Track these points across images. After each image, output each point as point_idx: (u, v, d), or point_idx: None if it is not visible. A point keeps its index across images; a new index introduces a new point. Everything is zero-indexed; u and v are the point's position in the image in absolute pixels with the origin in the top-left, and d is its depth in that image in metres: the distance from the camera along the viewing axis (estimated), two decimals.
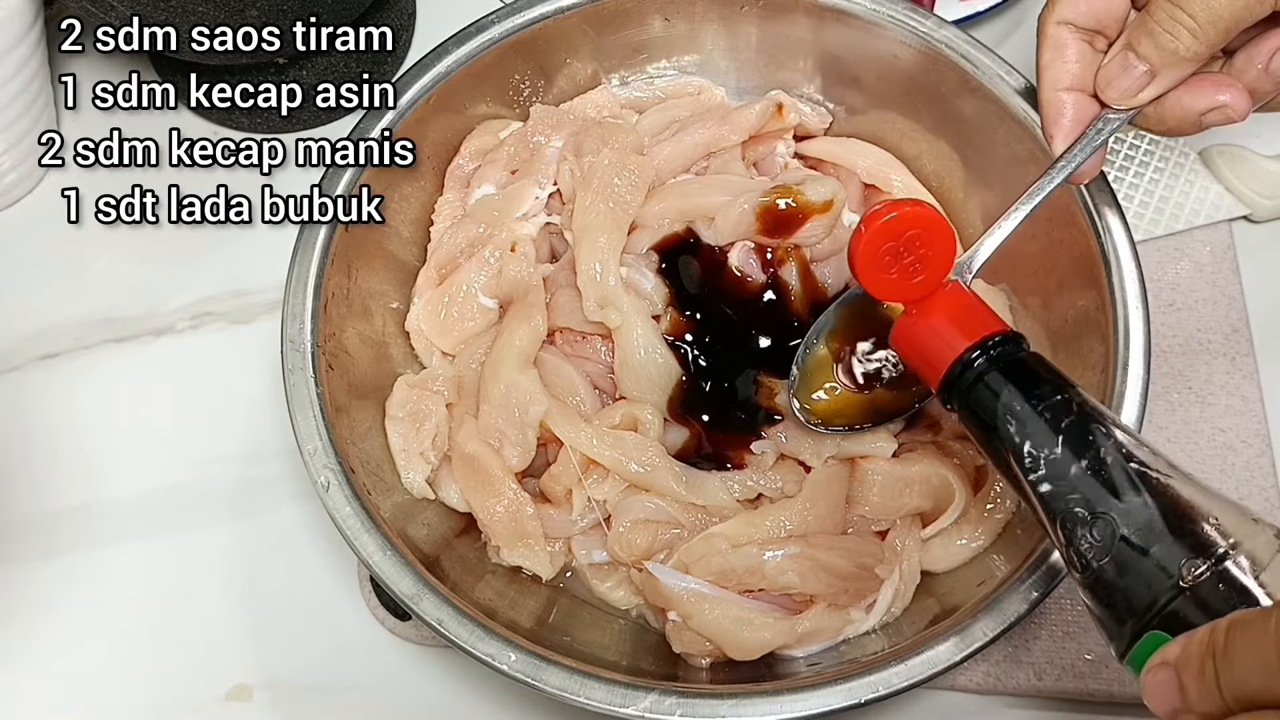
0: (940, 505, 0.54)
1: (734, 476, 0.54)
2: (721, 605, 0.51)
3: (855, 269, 0.47)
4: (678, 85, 0.66)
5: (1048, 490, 0.40)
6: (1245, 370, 0.64)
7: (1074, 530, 0.39)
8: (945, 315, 0.45)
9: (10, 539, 0.62)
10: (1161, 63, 0.46)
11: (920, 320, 0.46)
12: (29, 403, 0.66)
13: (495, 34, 0.59)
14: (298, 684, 0.59)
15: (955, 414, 0.45)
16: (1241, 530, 0.36)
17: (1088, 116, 0.49)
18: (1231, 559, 0.35)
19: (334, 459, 0.50)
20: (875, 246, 0.46)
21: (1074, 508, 0.39)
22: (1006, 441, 0.41)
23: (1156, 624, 0.35)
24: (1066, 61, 0.49)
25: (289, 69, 0.70)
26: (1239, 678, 0.30)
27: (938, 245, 0.46)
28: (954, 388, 0.44)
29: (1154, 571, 0.36)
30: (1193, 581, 0.35)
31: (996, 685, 0.57)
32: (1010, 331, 0.44)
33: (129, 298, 0.68)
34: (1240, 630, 0.31)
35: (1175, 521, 0.37)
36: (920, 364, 0.46)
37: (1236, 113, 0.46)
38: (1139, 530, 0.37)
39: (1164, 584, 0.35)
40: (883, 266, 0.46)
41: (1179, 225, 0.67)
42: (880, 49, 0.60)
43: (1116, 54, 0.47)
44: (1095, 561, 0.38)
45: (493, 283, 0.59)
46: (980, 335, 0.44)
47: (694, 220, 0.58)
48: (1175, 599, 0.35)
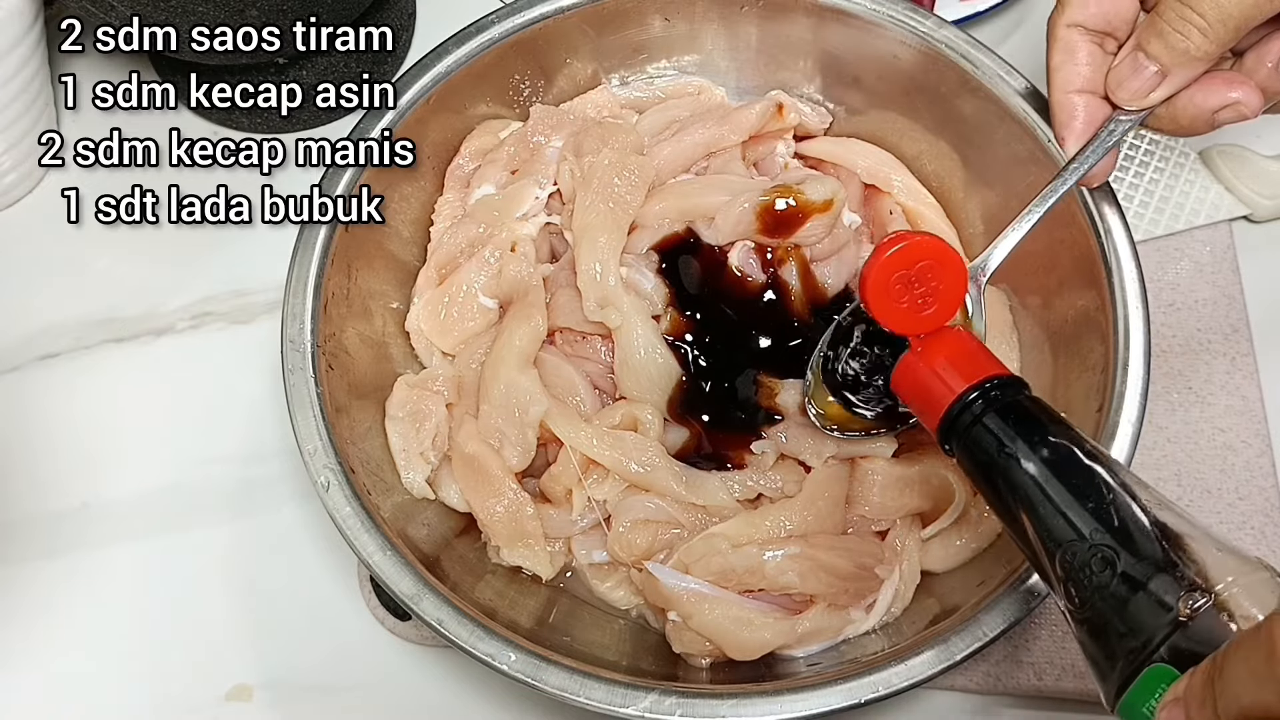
0: (940, 505, 0.54)
1: (734, 476, 0.54)
2: (721, 605, 0.51)
3: (866, 296, 0.46)
4: (678, 85, 0.66)
5: (1046, 528, 0.40)
6: (1245, 370, 0.64)
7: (1073, 565, 0.38)
8: (946, 357, 0.45)
9: (11, 539, 0.62)
10: (1172, 62, 0.46)
11: (921, 362, 0.46)
12: (29, 403, 0.66)
13: (495, 34, 0.59)
14: (298, 684, 0.59)
15: (954, 458, 0.44)
16: (1237, 566, 0.36)
17: (1099, 118, 0.49)
18: (1227, 591, 0.35)
19: (334, 459, 0.50)
20: (886, 274, 0.45)
21: (1072, 543, 0.39)
22: (1005, 482, 0.41)
23: (1154, 660, 0.35)
24: (1077, 64, 0.49)
25: (289, 69, 0.70)
26: (1232, 695, 0.30)
27: (949, 279, 0.46)
28: (952, 429, 0.44)
29: (1152, 606, 0.36)
30: (1190, 614, 0.35)
31: (996, 685, 0.57)
32: (1010, 376, 0.44)
33: (129, 298, 0.68)
34: (1233, 649, 0.31)
35: (1173, 555, 0.37)
36: (920, 406, 0.46)
37: (1249, 109, 0.46)
38: (1138, 564, 0.37)
39: (1162, 619, 0.35)
40: (893, 295, 0.46)
41: (1179, 225, 0.67)
42: (880, 49, 0.60)
43: (1126, 55, 0.47)
44: (1094, 596, 0.37)
45: (493, 283, 0.59)
46: (980, 377, 0.44)
47: (694, 220, 0.58)
48: (1173, 633, 0.35)
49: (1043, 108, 0.55)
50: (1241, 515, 0.60)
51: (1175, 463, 0.62)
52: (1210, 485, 0.61)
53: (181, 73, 0.67)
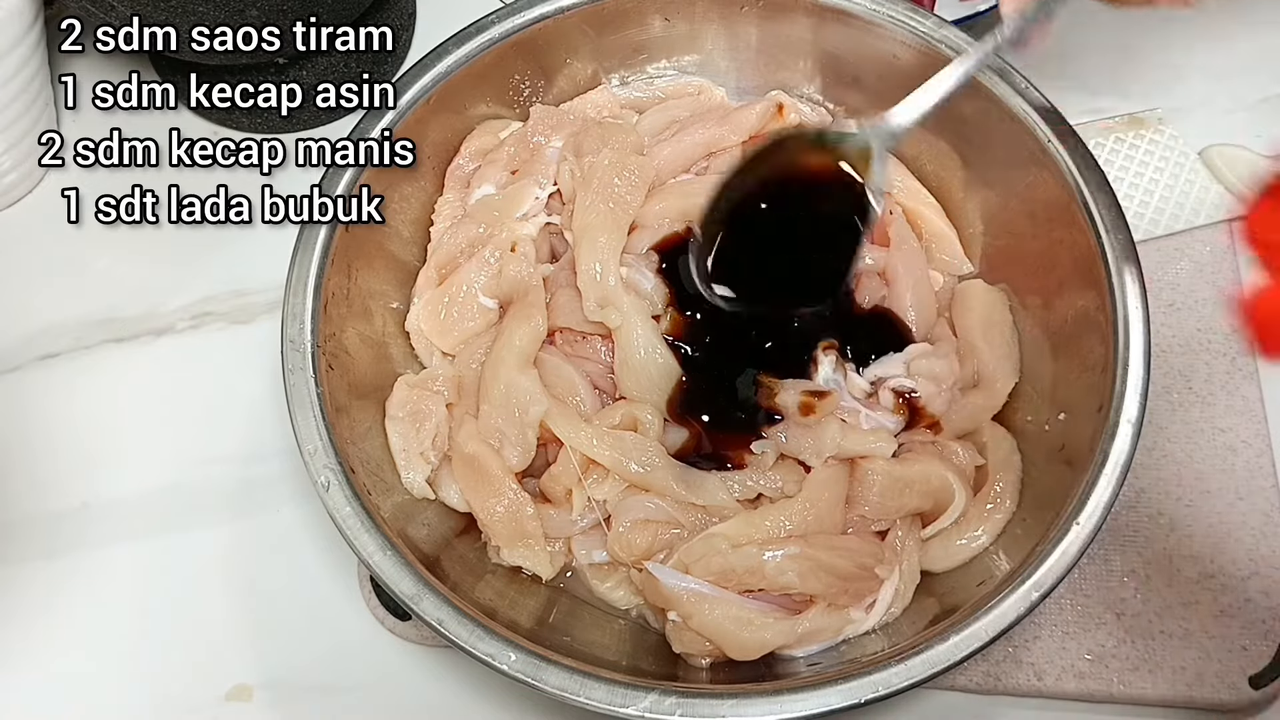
0: (940, 505, 0.54)
1: (734, 476, 0.54)
2: (721, 605, 0.51)
3: None
4: (678, 85, 0.66)
5: None
6: (1245, 370, 0.64)
7: None
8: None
9: (10, 539, 0.62)
10: None
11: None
12: (29, 403, 0.66)
13: (495, 34, 0.59)
14: (298, 684, 0.59)
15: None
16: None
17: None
18: None
19: (334, 459, 0.50)
20: None
21: None
22: None
23: None
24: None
25: (289, 69, 0.70)
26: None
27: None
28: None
29: None
30: None
31: (996, 685, 0.57)
32: None
33: (129, 298, 0.68)
34: None
35: None
36: None
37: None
38: None
39: None
40: None
41: (1179, 225, 0.67)
42: (880, 49, 0.60)
43: None
44: None
45: (493, 283, 0.59)
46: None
47: (694, 220, 0.58)
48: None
49: (1043, 108, 0.56)
50: (1241, 515, 0.60)
51: (1175, 462, 0.62)
52: (1210, 485, 0.61)
53: (181, 73, 0.67)
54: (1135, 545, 0.60)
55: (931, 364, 0.57)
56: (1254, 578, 0.59)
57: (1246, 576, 0.59)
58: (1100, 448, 0.50)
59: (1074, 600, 0.58)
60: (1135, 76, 0.74)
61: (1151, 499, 0.61)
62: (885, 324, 0.59)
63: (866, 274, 0.60)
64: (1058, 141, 0.55)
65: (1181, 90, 0.73)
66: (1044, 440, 0.55)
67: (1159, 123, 0.71)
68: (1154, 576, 0.59)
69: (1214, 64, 0.74)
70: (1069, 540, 0.48)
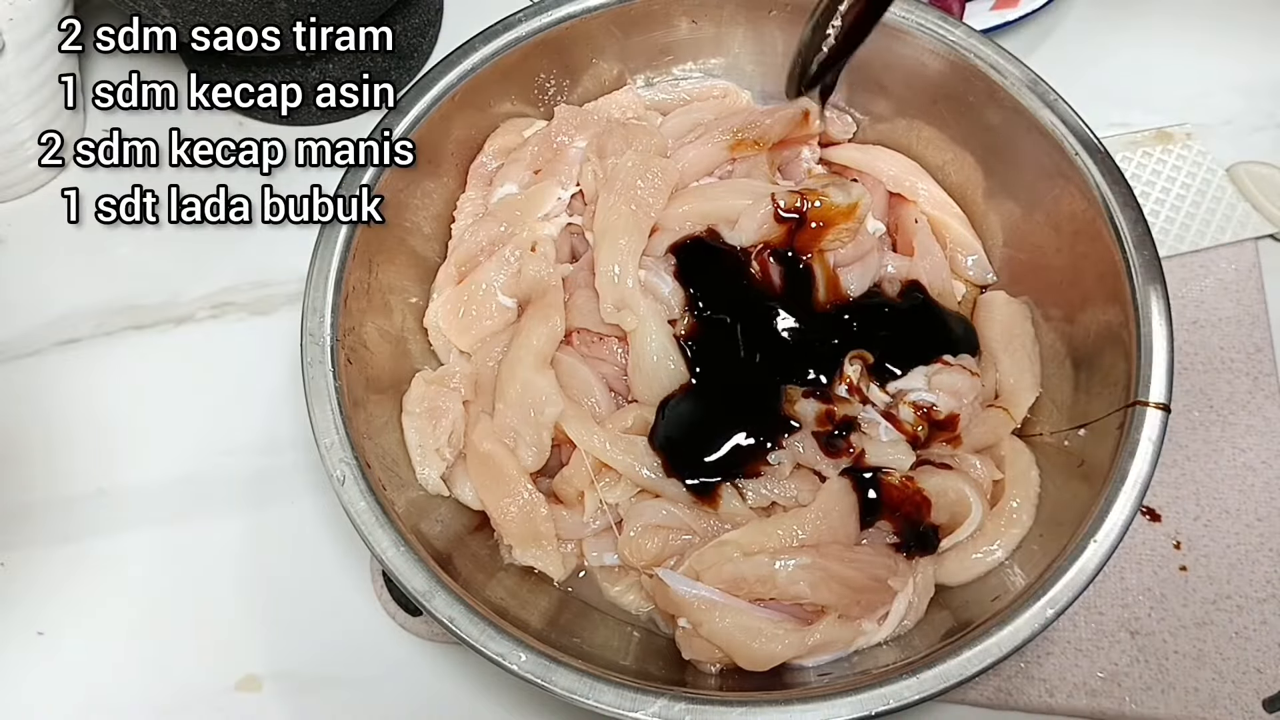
0: (956, 519, 0.54)
1: (746, 484, 0.54)
2: (732, 614, 0.50)
3: None
4: (703, 88, 0.66)
5: None
6: (1268, 390, 0.63)
7: None
8: None
9: (26, 523, 0.62)
10: None
11: None
12: (49, 387, 0.66)
13: (522, 32, 0.59)
14: (307, 675, 0.59)
15: None
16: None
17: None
18: None
19: (350, 453, 0.50)
20: None
21: None
22: None
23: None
24: None
25: (315, 62, 0.70)
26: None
27: None
28: None
29: None
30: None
31: (1008, 700, 0.56)
32: None
33: (151, 285, 0.69)
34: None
35: None
36: None
37: None
38: None
39: None
40: None
41: (1204, 242, 0.67)
42: (908, 56, 0.60)
43: None
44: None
45: (512, 282, 0.59)
46: None
47: (716, 223, 0.58)
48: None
49: (1071, 121, 0.55)
50: (1260, 536, 0.60)
51: (1194, 481, 0.61)
52: (1229, 505, 0.61)
53: (209, 64, 0.66)
54: (1151, 564, 0.59)
55: (953, 378, 0.56)
56: (1271, 600, 0.58)
57: (1263, 599, 0.58)
58: (1119, 465, 0.49)
59: (1088, 617, 0.58)
60: (1164, 91, 0.73)
61: (1169, 517, 0.61)
62: (922, 311, 0.59)
63: (888, 281, 0.60)
64: (1085, 154, 0.55)
65: (1210, 106, 0.73)
66: (1062, 455, 0.55)
67: (1187, 138, 0.70)
68: (1169, 596, 0.58)
69: (1243, 80, 0.74)
70: (1085, 558, 0.48)
